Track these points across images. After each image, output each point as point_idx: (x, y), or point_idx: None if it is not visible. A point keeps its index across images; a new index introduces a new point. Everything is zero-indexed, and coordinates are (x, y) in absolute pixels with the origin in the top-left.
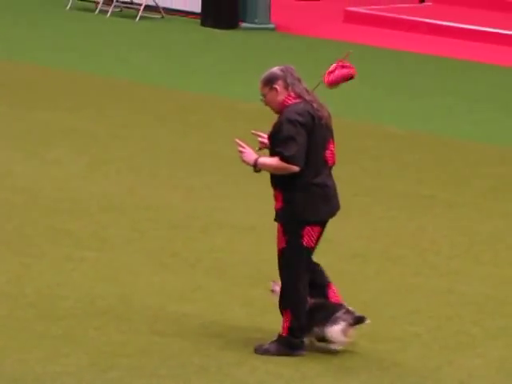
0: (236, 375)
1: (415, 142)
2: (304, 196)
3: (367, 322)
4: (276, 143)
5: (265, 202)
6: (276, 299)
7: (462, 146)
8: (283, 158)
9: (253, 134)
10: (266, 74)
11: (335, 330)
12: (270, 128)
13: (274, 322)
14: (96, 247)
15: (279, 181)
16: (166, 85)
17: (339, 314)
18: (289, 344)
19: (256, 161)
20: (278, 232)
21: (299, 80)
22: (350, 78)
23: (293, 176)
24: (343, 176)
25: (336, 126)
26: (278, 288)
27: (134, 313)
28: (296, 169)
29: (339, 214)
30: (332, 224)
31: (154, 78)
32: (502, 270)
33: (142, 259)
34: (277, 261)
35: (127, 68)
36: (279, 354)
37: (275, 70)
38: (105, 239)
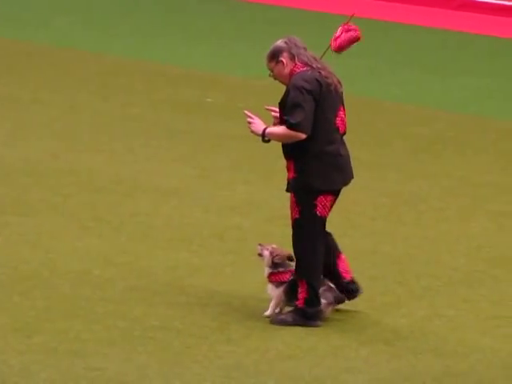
0: (161, 338)
1: None
2: (316, 165)
3: (346, 301)
4: (283, 111)
5: (187, 165)
6: (263, 263)
7: (384, 108)
8: (289, 126)
9: (266, 109)
10: (270, 48)
11: None
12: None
13: (198, 286)
14: (19, 212)
15: (291, 151)
16: (87, 49)
17: (321, 290)
18: (305, 314)
19: (264, 131)
20: (291, 202)
21: (305, 49)
22: (356, 40)
23: (305, 145)
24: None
25: (255, 88)
26: (266, 252)
27: (58, 277)
28: (303, 136)
29: (263, 175)
30: (255, 186)
31: (76, 42)
32: (424, 230)
33: (65, 224)
34: (291, 231)
35: (48, 32)
36: (296, 324)
37: (279, 43)
38: (28, 204)
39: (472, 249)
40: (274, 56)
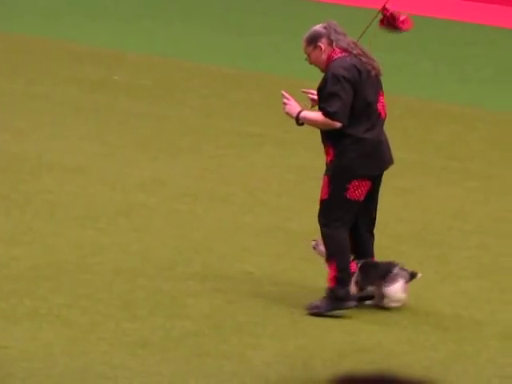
0: (67, 316)
1: (243, 81)
2: (356, 150)
3: (419, 275)
4: (321, 98)
5: (93, 142)
6: (318, 257)
7: (290, 84)
8: (326, 114)
9: (303, 92)
10: (308, 32)
11: (396, 288)
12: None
13: (104, 264)
14: None
15: (332, 135)
16: None
17: (396, 270)
18: (337, 296)
19: (299, 114)
20: (324, 183)
21: (344, 34)
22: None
23: (346, 130)
24: (172, 116)
25: (160, 65)
26: (322, 248)
27: None
28: (338, 125)
29: (168, 153)
30: (160, 164)
31: None
32: None
33: None
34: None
35: None
36: (330, 309)
37: (318, 27)
38: None
39: (379, 224)
40: (312, 41)
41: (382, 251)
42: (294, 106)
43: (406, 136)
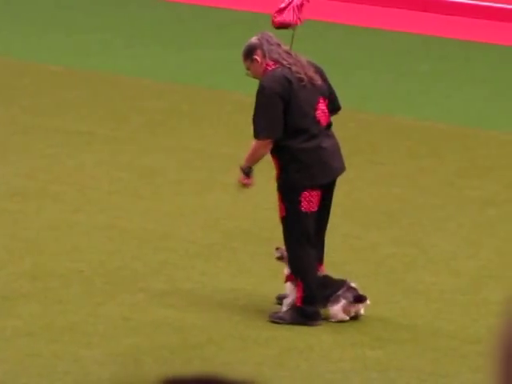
0: None
1: (73, 79)
2: (297, 161)
3: (367, 302)
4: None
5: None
6: (284, 265)
7: (119, 82)
8: (255, 137)
9: None
10: (244, 46)
11: (336, 309)
12: None
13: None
14: None
15: (274, 149)
16: None
17: (340, 292)
18: (303, 313)
19: (242, 167)
20: (278, 200)
21: (278, 44)
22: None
23: (284, 143)
24: (0, 115)
25: None
26: (286, 254)
27: None
28: (271, 141)
29: None
30: None
31: None
32: (161, 204)
33: None
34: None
35: None
36: (293, 322)
37: (252, 40)
38: None
39: (209, 221)
40: (249, 54)
41: (212, 248)
42: (240, 179)
43: (236, 131)
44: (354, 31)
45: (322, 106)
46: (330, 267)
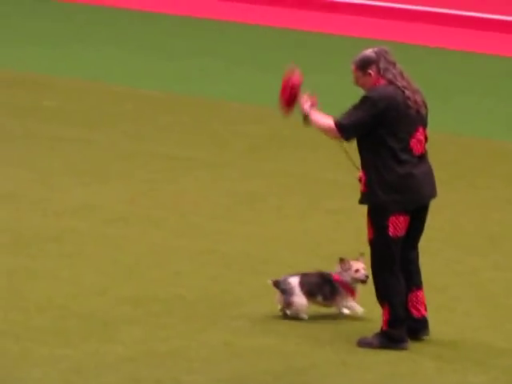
0: None
1: (173, 104)
2: (382, 183)
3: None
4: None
5: (23, 168)
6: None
7: (219, 107)
8: (336, 123)
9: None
10: (359, 56)
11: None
12: None
13: (36, 290)
14: None
15: (364, 161)
16: None
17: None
18: (390, 337)
19: (309, 110)
20: (367, 221)
21: (394, 64)
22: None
23: (372, 159)
24: (102, 140)
25: (90, 90)
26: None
27: None
28: (339, 137)
29: (99, 178)
30: (91, 189)
31: None
32: (262, 228)
33: None
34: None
35: None
36: (382, 347)
37: (369, 52)
38: None
39: (310, 246)
40: (363, 67)
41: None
42: (307, 102)
43: (337, 156)
44: (453, 55)
45: (420, 135)
46: (433, 291)
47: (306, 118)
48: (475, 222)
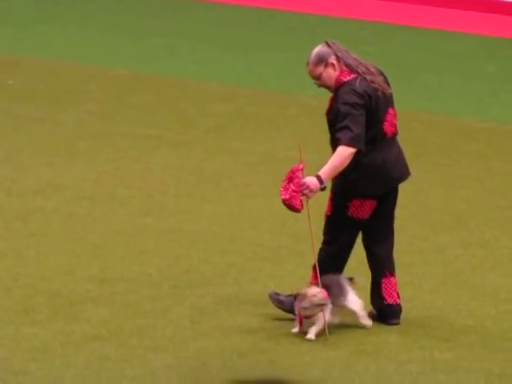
0: None
1: (139, 83)
2: (357, 171)
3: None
4: (336, 128)
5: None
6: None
7: (185, 86)
8: (345, 143)
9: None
10: (313, 54)
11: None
12: None
13: (2, 269)
14: None
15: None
16: None
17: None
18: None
19: (320, 180)
20: (328, 199)
21: (347, 51)
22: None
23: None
24: (68, 120)
25: (57, 69)
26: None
27: None
28: (355, 150)
29: (65, 157)
30: (57, 168)
31: None
32: (228, 207)
33: None
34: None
35: None
36: (291, 310)
37: (321, 47)
38: None
39: (276, 224)
40: (322, 60)
41: (279, 251)
42: (311, 183)
43: (302, 134)
44: (419, 33)
45: (390, 116)
46: (398, 269)
47: (322, 184)
48: (440, 200)
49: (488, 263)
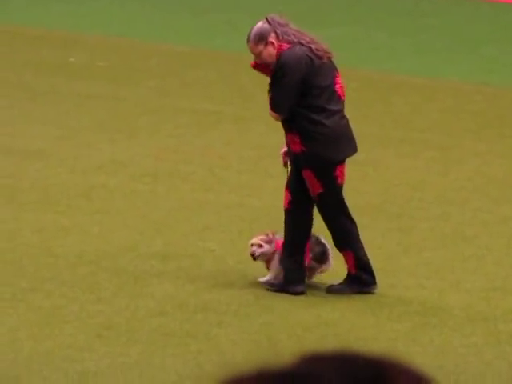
0: (31, 300)
1: (199, 59)
2: (327, 135)
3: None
4: (269, 88)
5: (51, 125)
6: (261, 262)
7: (245, 60)
8: (269, 108)
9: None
10: (253, 32)
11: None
12: None
13: (66, 246)
14: None
15: (296, 123)
16: None
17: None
18: (360, 280)
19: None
20: (309, 178)
21: (287, 25)
22: None
23: (311, 117)
24: (129, 97)
25: (117, 46)
26: (261, 250)
27: None
28: (279, 117)
29: (127, 134)
30: (119, 145)
31: None
32: None
33: None
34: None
35: None
36: (353, 292)
37: (261, 24)
38: None
39: None
40: (262, 38)
41: None
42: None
43: (365, 108)
44: (480, 5)
45: (339, 80)
46: (462, 242)
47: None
48: (504, 172)
49: None
